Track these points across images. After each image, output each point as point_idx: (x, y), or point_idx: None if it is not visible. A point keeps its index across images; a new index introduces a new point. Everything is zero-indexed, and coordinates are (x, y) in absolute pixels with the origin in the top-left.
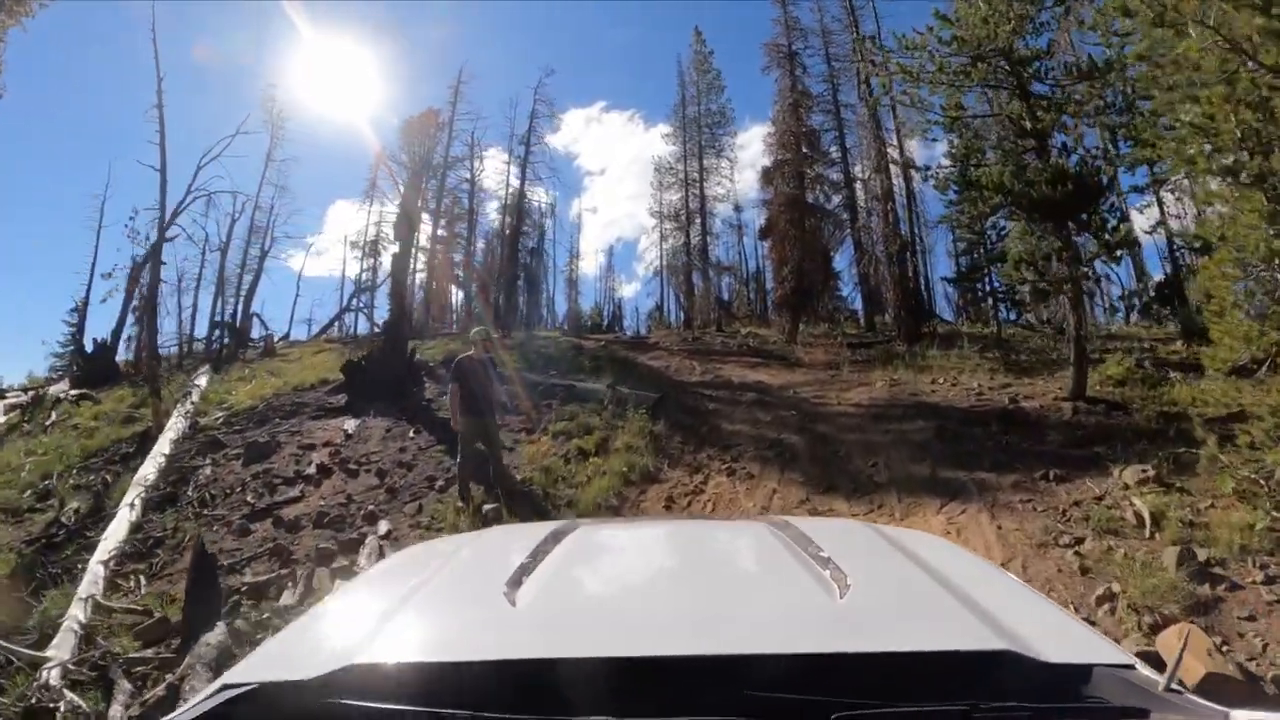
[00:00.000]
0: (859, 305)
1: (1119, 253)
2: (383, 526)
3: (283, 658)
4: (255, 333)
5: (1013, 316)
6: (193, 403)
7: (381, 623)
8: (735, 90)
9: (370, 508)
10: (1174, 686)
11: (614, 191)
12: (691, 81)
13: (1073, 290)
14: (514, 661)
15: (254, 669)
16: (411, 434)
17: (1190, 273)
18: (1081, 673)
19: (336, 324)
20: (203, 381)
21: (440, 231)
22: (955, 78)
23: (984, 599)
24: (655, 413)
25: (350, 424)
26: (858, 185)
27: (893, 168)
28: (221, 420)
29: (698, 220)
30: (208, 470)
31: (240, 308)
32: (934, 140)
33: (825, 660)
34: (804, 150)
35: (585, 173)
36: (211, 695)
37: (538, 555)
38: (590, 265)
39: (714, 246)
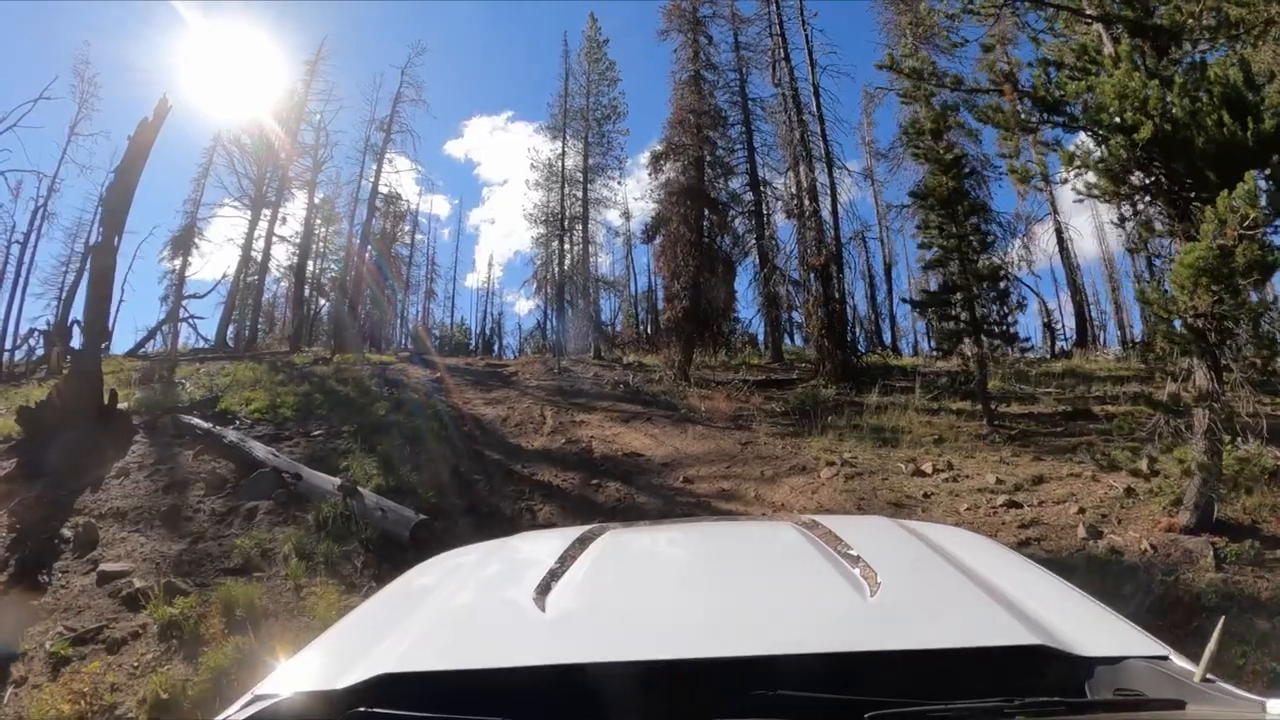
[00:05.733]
0: (760, 330)
1: None
2: None
3: (313, 668)
4: (76, 342)
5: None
6: None
7: (411, 631)
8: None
9: None
10: (1209, 677)
11: (516, 203)
12: (582, 71)
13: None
14: (545, 668)
15: (285, 680)
16: None
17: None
18: (1116, 665)
19: (159, 336)
20: None
21: (281, 230)
22: None
23: (1016, 594)
24: (411, 546)
25: None
26: (765, 190)
27: (815, 163)
28: None
29: (579, 228)
30: None
31: (59, 313)
32: (959, 43)
33: (858, 659)
34: (704, 133)
35: (485, 183)
36: (243, 707)
37: (565, 561)
38: (486, 279)
39: (599, 258)
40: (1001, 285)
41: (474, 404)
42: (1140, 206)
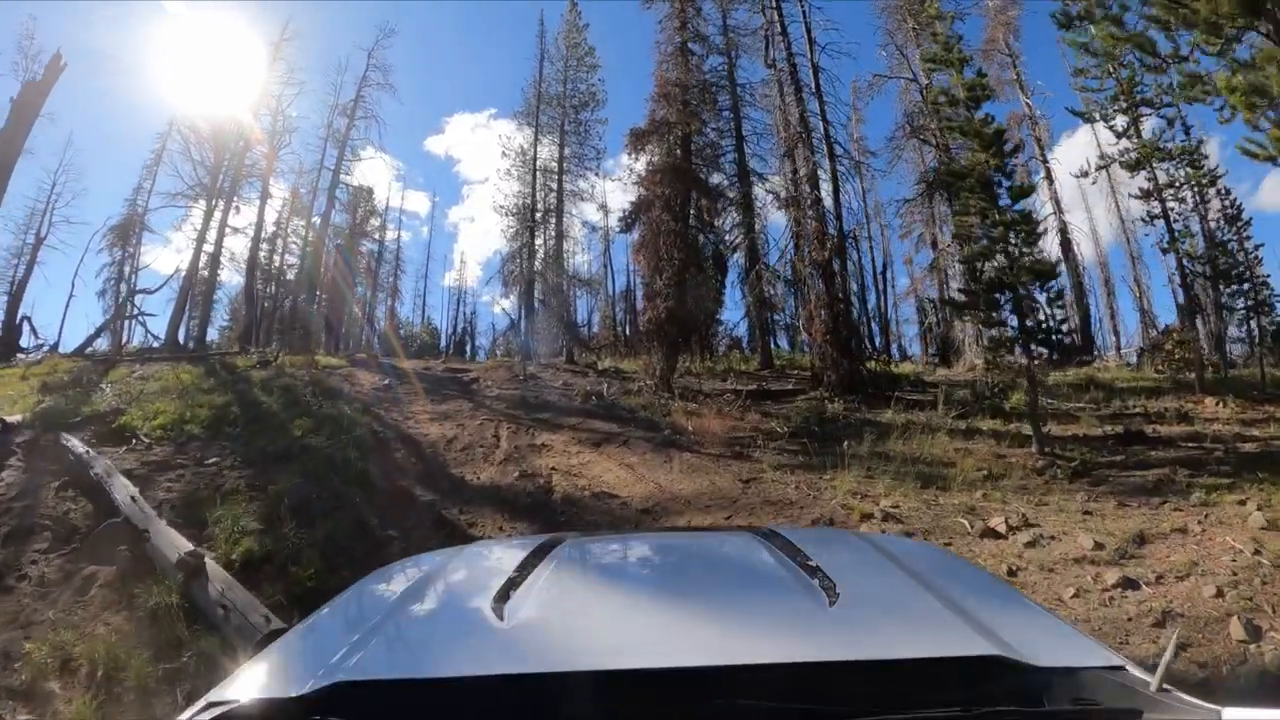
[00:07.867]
0: (745, 332)
1: None
2: None
3: (269, 674)
4: (25, 340)
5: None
6: None
7: (368, 639)
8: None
9: None
10: (1165, 686)
11: (497, 201)
12: (559, 55)
13: None
14: (504, 677)
15: (240, 686)
16: None
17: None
18: (1073, 675)
19: (107, 333)
20: None
21: (235, 221)
22: None
23: (973, 605)
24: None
25: None
26: (754, 182)
27: (815, 147)
28: None
29: (553, 221)
30: None
31: (8, 308)
32: None
33: (816, 669)
34: (692, 108)
35: (465, 180)
36: (197, 714)
37: (525, 569)
38: (459, 277)
39: (575, 255)
40: (1055, 285)
41: (418, 419)
42: None
